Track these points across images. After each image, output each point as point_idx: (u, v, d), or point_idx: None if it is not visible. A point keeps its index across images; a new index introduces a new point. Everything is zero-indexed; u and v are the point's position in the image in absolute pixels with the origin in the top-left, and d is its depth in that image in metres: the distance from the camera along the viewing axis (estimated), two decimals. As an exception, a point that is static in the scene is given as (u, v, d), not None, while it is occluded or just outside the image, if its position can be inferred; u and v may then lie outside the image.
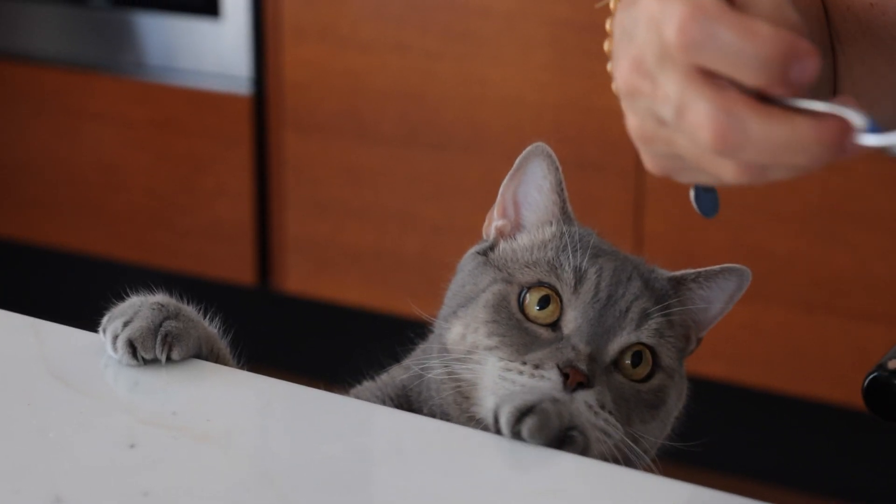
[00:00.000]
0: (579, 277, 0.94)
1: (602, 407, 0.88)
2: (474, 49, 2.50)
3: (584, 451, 0.85)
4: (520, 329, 0.92)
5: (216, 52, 2.73)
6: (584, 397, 0.88)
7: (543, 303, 0.93)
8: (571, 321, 0.92)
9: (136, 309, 0.93)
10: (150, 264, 2.89)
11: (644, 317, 0.93)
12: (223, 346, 0.96)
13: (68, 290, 3.08)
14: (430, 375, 0.95)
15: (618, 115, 1.00)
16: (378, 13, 2.58)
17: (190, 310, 0.95)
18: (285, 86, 2.68)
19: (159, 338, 0.91)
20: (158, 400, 0.90)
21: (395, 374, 1.01)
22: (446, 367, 0.93)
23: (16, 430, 0.84)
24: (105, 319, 0.94)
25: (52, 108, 2.95)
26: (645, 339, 0.93)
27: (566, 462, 0.83)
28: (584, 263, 0.95)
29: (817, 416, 2.39)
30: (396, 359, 1.02)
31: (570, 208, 1.00)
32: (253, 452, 0.84)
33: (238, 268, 2.76)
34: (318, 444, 0.84)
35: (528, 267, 0.96)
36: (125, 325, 0.92)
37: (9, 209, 3.07)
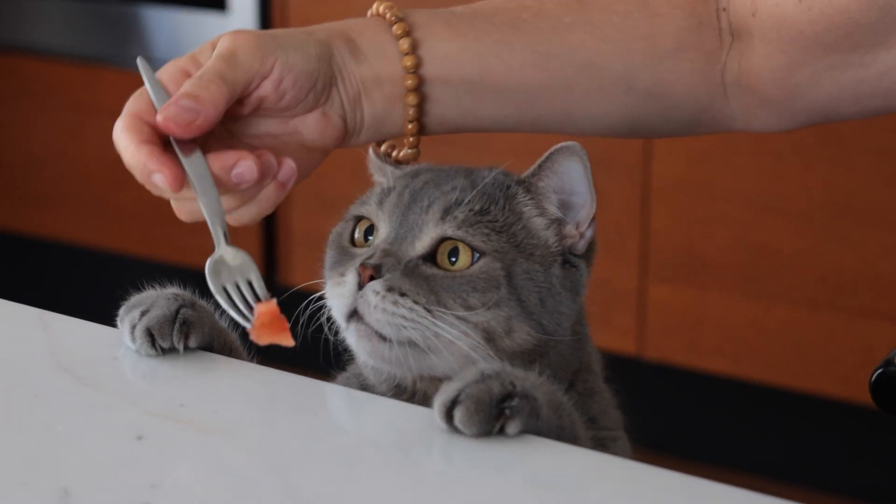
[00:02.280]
0: (386, 193, 0.98)
1: (390, 290, 0.90)
2: (480, 44, 2.50)
3: (538, 416, 0.83)
4: (347, 256, 0.97)
5: (222, 46, 2.73)
6: (372, 286, 0.90)
7: (369, 232, 0.98)
8: (382, 233, 0.96)
9: (152, 299, 0.94)
10: (156, 258, 2.89)
11: (448, 210, 0.94)
12: (234, 338, 0.97)
13: (74, 284, 3.09)
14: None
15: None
16: (384, 8, 2.58)
17: (203, 302, 0.96)
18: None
19: (177, 325, 0.92)
20: (166, 392, 0.90)
21: None
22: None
23: (23, 423, 0.84)
24: (122, 310, 0.95)
25: (58, 101, 2.95)
26: (449, 233, 0.93)
27: (570, 454, 0.83)
28: (395, 182, 0.99)
29: (822, 413, 2.39)
30: None
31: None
32: (260, 444, 0.84)
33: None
34: (326, 437, 0.84)
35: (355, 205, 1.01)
36: (142, 314, 0.93)
37: (15, 203, 3.08)
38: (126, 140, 0.94)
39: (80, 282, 3.07)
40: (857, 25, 1.00)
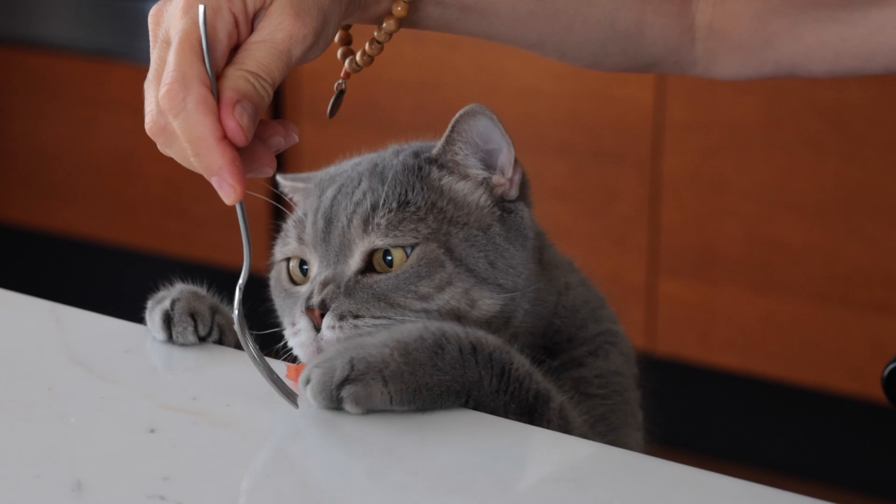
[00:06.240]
0: (301, 225, 0.97)
1: (342, 318, 0.90)
2: (491, 39, 2.50)
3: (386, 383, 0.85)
4: (290, 297, 0.96)
5: (233, 40, 2.73)
6: (327, 324, 0.91)
7: (304, 263, 0.97)
8: (314, 266, 0.96)
9: (178, 291, 0.96)
10: (165, 252, 2.90)
11: (367, 220, 0.93)
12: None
13: (84, 278, 3.09)
14: None
15: (634, 106, 1.01)
16: (395, 2, 2.58)
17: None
18: (302, 74, 2.68)
19: (214, 313, 0.95)
20: (179, 385, 0.90)
21: None
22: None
23: (37, 415, 0.84)
24: (150, 303, 0.97)
25: (67, 95, 2.96)
26: (378, 244, 0.93)
27: (584, 449, 0.83)
28: (304, 208, 0.98)
29: (833, 408, 2.39)
30: None
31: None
32: (272, 438, 0.85)
33: (253, 256, 2.77)
34: (338, 430, 0.84)
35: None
36: (174, 302, 0.95)
37: (25, 197, 3.08)
38: (201, 124, 0.83)
39: (89, 275, 3.08)
40: None
